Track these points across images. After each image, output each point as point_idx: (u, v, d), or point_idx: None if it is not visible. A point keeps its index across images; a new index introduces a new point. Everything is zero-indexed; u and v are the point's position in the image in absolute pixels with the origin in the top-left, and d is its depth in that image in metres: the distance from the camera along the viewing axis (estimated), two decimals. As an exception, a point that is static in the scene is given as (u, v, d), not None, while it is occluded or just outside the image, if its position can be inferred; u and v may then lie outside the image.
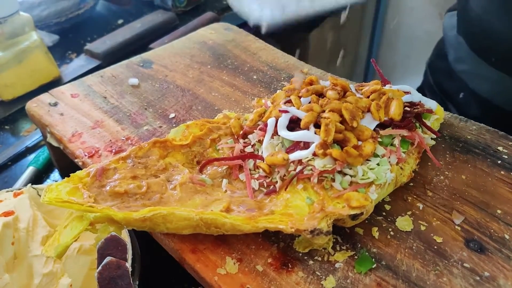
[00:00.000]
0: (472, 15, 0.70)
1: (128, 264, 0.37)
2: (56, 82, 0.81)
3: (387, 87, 0.52)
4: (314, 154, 0.41)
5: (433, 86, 0.84)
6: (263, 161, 0.44)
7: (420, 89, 0.87)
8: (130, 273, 0.36)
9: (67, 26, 0.99)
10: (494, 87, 0.60)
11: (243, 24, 1.15)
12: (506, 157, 0.50)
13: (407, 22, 1.72)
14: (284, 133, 0.43)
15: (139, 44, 0.92)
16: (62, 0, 0.99)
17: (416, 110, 0.47)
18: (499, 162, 0.49)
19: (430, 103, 0.52)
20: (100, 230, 0.39)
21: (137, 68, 0.66)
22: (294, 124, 0.45)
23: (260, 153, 0.46)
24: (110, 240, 0.36)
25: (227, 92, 0.61)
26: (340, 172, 0.41)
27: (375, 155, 0.43)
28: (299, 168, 0.41)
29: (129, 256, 0.39)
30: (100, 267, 0.35)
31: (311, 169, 0.41)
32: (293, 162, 0.42)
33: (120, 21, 1.06)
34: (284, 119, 0.44)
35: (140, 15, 1.03)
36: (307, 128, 0.43)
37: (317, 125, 0.43)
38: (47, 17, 0.97)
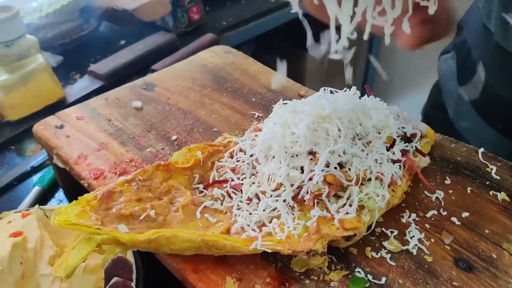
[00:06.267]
0: (475, 73, 0.64)
1: (134, 284, 0.39)
2: (61, 103, 0.84)
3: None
4: (310, 178, 0.43)
5: None
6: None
7: None
8: (135, 292, 0.38)
9: (71, 47, 1.01)
10: (499, 150, 0.55)
11: (242, 45, 1.19)
12: (494, 178, 0.52)
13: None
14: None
15: (141, 65, 0.95)
16: (66, 22, 1.02)
17: (407, 136, 0.49)
18: (487, 183, 0.51)
19: (421, 126, 0.54)
20: (107, 251, 0.41)
21: (140, 91, 0.68)
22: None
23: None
24: (117, 261, 0.38)
25: (227, 114, 0.64)
26: (334, 195, 0.44)
27: (368, 179, 0.45)
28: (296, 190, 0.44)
29: (134, 275, 0.41)
30: (107, 287, 0.37)
31: (307, 192, 0.43)
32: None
33: (122, 42, 1.08)
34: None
35: (142, 36, 1.05)
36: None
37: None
38: (52, 38, 0.99)
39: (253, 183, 0.47)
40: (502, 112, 0.63)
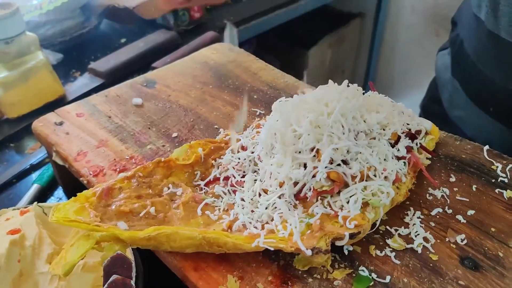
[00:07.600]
0: (468, 61, 0.68)
1: (133, 282, 0.38)
2: (61, 101, 0.83)
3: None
4: (313, 175, 0.43)
5: None
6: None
7: None
8: (135, 290, 0.37)
9: (72, 44, 1.01)
10: (492, 137, 0.58)
11: (243, 43, 1.18)
12: (500, 175, 0.51)
13: (404, 39, 1.75)
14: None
15: (142, 63, 0.94)
16: (66, 20, 1.01)
17: (411, 132, 0.48)
18: (493, 181, 0.51)
19: (426, 123, 0.53)
20: (106, 249, 0.40)
21: (140, 88, 0.68)
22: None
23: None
24: (116, 259, 0.38)
25: (229, 111, 0.63)
26: (338, 192, 0.43)
27: (373, 175, 0.44)
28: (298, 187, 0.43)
29: (134, 273, 0.41)
30: (106, 285, 0.36)
31: (310, 189, 0.42)
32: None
33: (123, 40, 1.08)
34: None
35: (142, 34, 1.05)
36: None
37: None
38: (52, 36, 0.99)
39: (255, 180, 0.46)
40: (493, 96, 0.65)
